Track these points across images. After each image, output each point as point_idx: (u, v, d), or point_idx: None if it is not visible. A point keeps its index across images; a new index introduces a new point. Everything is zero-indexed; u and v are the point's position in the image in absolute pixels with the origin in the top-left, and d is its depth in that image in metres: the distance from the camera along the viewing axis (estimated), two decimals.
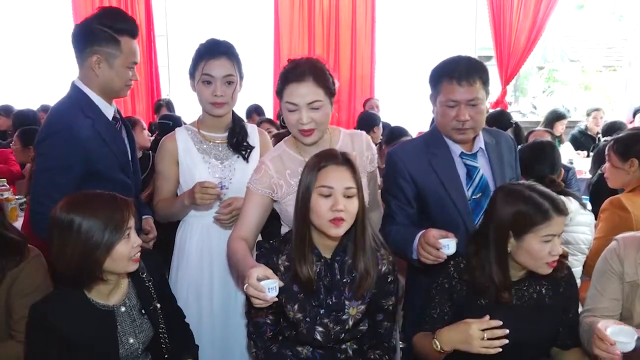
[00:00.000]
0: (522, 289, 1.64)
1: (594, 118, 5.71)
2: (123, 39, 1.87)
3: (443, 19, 7.81)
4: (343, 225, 1.53)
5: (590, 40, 10.25)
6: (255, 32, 6.92)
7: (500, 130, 2.07)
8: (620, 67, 8.54)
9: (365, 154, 1.87)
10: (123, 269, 1.52)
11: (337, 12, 6.85)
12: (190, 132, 2.07)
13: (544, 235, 1.53)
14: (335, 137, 1.86)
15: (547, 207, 1.53)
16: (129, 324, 1.58)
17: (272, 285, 1.42)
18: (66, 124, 1.80)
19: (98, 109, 1.90)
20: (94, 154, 1.83)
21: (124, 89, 1.95)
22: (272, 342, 1.67)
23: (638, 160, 2.41)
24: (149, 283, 1.65)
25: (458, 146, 1.86)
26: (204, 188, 1.83)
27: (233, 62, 1.97)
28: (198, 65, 1.96)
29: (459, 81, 1.73)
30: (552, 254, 1.54)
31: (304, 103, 1.68)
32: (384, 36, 7.21)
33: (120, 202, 1.51)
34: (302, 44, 6.84)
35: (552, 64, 10.03)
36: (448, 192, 1.81)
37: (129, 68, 1.91)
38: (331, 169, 1.54)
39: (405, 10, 7.56)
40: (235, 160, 2.07)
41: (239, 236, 1.71)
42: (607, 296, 1.67)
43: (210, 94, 1.96)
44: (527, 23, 6.60)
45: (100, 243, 1.44)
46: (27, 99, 6.56)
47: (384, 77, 7.26)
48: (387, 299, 1.66)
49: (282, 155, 1.81)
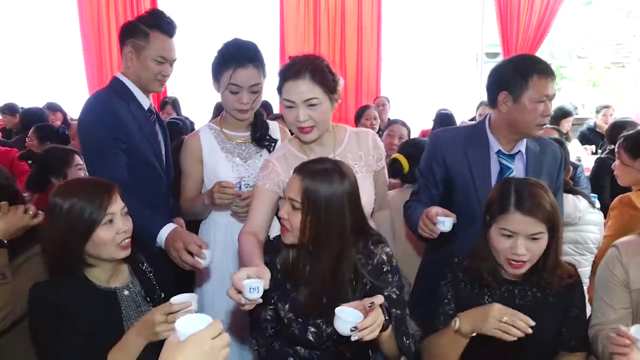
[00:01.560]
0: (524, 288, 1.62)
1: (603, 115, 5.68)
2: (153, 33, 1.94)
3: (449, 16, 7.78)
4: (287, 235, 1.54)
5: (598, 37, 10.15)
6: (261, 30, 6.91)
7: (552, 142, 2.08)
8: (629, 63, 8.45)
9: (372, 153, 1.86)
10: (109, 255, 1.48)
11: (343, 10, 6.81)
12: (214, 131, 2.09)
13: (501, 228, 1.51)
14: (339, 135, 1.84)
15: (509, 200, 1.50)
16: (133, 308, 1.55)
17: (256, 285, 1.34)
18: (104, 105, 1.93)
19: (133, 95, 2.00)
20: (131, 133, 1.92)
21: (153, 82, 2.00)
22: (273, 340, 1.66)
23: None
24: (151, 275, 1.63)
25: (497, 144, 1.91)
26: (222, 188, 1.84)
27: (259, 69, 1.98)
28: (224, 72, 1.95)
29: (551, 76, 1.79)
30: (513, 252, 1.50)
31: (301, 100, 1.68)
32: (390, 33, 7.18)
33: (101, 185, 1.49)
34: (308, 42, 6.82)
35: (560, 60, 9.95)
36: (475, 183, 1.88)
37: (156, 62, 1.96)
38: (294, 177, 1.53)
39: (411, 7, 7.53)
40: (258, 159, 2.07)
41: (249, 231, 1.70)
42: (617, 306, 1.62)
43: (237, 101, 1.97)
44: (534, 19, 6.54)
45: (79, 224, 1.43)
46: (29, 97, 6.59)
47: (390, 74, 7.23)
48: (387, 288, 1.57)
49: (287, 155, 1.81)
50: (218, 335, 0.95)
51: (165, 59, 1.99)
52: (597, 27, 10.11)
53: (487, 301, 1.60)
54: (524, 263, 1.52)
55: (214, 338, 0.94)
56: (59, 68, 7.46)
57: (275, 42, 6.79)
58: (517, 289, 1.62)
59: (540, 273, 1.59)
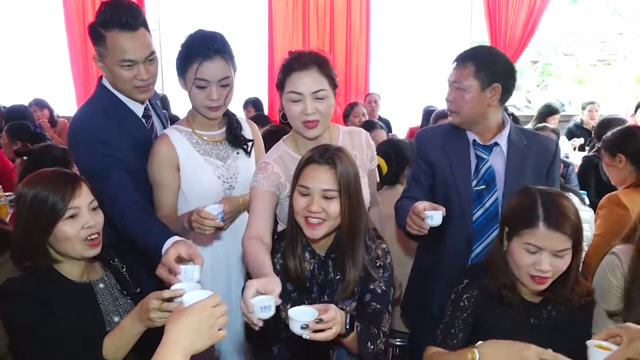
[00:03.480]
0: (540, 309, 1.56)
1: (589, 112, 5.74)
2: (109, 34, 1.68)
3: (438, 13, 7.79)
4: (321, 228, 1.51)
5: (584, 35, 10.24)
6: (250, 27, 6.86)
7: (545, 136, 2.06)
8: (615, 61, 8.55)
9: (366, 152, 1.84)
10: (76, 252, 1.42)
11: (332, 6, 6.79)
12: (185, 134, 1.88)
13: (526, 243, 1.43)
14: (334, 135, 1.82)
15: (537, 214, 1.42)
16: (110, 302, 1.51)
17: (267, 303, 1.26)
18: (87, 129, 1.76)
19: (123, 104, 1.82)
20: (120, 149, 1.75)
21: (131, 91, 1.78)
22: (272, 343, 1.64)
23: (624, 155, 2.42)
24: (124, 271, 1.59)
25: (473, 135, 1.89)
26: (201, 218, 1.60)
27: (228, 61, 1.79)
28: (189, 66, 1.76)
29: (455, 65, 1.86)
30: (537, 268, 1.42)
31: (309, 92, 1.63)
32: (379, 30, 7.17)
33: (66, 177, 1.44)
34: (297, 38, 6.78)
35: (546, 58, 10.01)
36: (455, 177, 1.86)
37: (123, 67, 1.71)
38: (312, 167, 1.51)
39: (400, 4, 7.53)
40: (236, 158, 1.96)
41: (253, 235, 1.60)
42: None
43: (206, 98, 1.79)
44: (522, 16, 6.59)
45: (41, 216, 1.37)
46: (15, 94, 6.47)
47: (379, 71, 7.22)
48: (373, 283, 1.57)
49: (283, 156, 1.76)
50: (217, 305, 1.10)
51: (133, 61, 1.71)
52: (582, 25, 10.20)
53: (505, 320, 1.51)
54: (547, 279, 1.44)
55: (214, 306, 1.09)
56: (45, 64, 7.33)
57: (264, 38, 6.74)
58: (533, 307, 1.54)
59: (559, 290, 1.51)
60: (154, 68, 1.80)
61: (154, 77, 1.82)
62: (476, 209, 1.84)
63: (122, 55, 1.70)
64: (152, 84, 1.84)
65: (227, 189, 1.89)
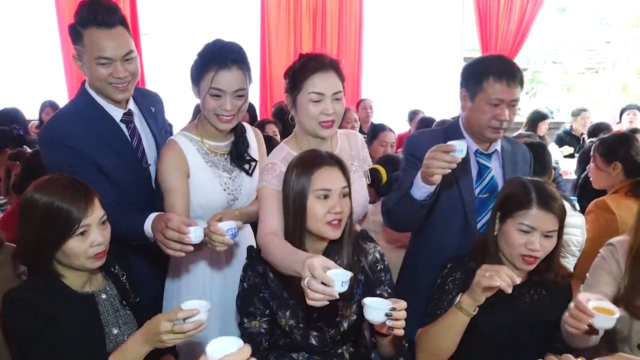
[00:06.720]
0: (521, 291, 1.63)
1: (582, 119, 5.68)
2: (87, 31, 1.67)
3: (430, 20, 7.85)
4: (341, 227, 1.54)
5: (571, 43, 10.39)
6: (242, 31, 6.84)
7: (517, 141, 2.09)
8: (603, 69, 8.68)
9: (361, 153, 1.89)
10: (81, 265, 1.40)
11: (324, 11, 6.83)
12: (194, 142, 1.84)
13: (520, 223, 1.54)
14: (334, 136, 1.85)
15: (531, 197, 1.54)
16: (111, 313, 1.50)
17: (346, 278, 1.23)
18: (56, 131, 1.75)
19: (101, 108, 1.80)
20: (92, 152, 1.73)
21: (107, 89, 1.74)
22: (269, 352, 1.64)
23: (621, 164, 2.43)
24: (123, 278, 1.58)
25: (474, 143, 1.87)
26: (212, 234, 1.58)
27: (244, 72, 1.75)
28: (205, 75, 1.72)
29: (507, 81, 1.72)
30: (528, 247, 1.53)
31: (330, 93, 1.68)
32: (371, 36, 7.21)
33: (81, 190, 1.39)
34: (289, 43, 6.80)
35: (535, 65, 10.14)
36: (459, 186, 1.83)
37: (99, 64, 1.69)
38: (325, 170, 1.54)
39: (393, 11, 7.58)
40: (241, 172, 1.92)
41: (270, 232, 1.58)
42: (600, 289, 1.61)
43: (218, 107, 1.74)
44: (512, 25, 6.68)
45: (52, 228, 1.34)
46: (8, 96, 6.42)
47: (371, 76, 7.27)
48: (380, 287, 1.61)
49: (288, 158, 1.74)
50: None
51: (109, 59, 1.68)
52: (570, 33, 10.35)
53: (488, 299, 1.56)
54: (536, 259, 1.56)
55: None
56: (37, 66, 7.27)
57: (256, 43, 6.75)
58: (515, 291, 1.57)
59: (542, 272, 1.62)
60: (132, 67, 1.76)
61: (133, 77, 1.78)
62: (480, 217, 1.84)
63: (98, 52, 1.68)
64: (131, 84, 1.80)
65: (232, 200, 1.87)
